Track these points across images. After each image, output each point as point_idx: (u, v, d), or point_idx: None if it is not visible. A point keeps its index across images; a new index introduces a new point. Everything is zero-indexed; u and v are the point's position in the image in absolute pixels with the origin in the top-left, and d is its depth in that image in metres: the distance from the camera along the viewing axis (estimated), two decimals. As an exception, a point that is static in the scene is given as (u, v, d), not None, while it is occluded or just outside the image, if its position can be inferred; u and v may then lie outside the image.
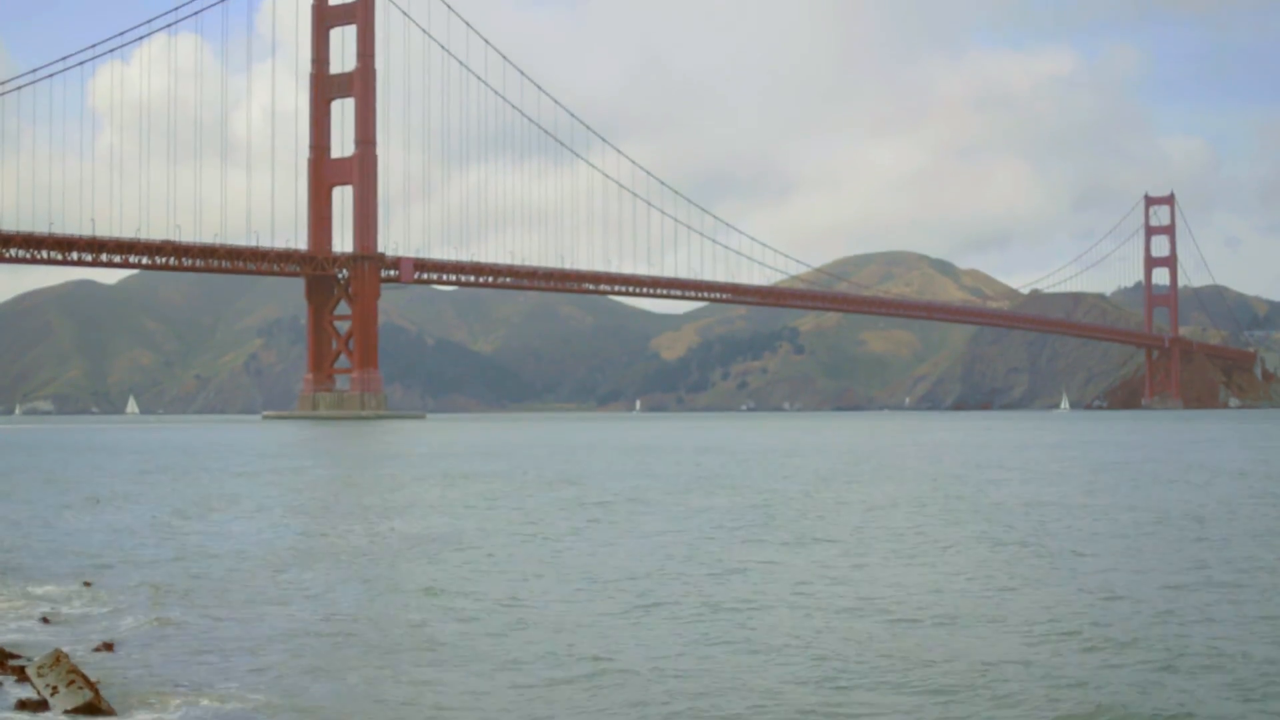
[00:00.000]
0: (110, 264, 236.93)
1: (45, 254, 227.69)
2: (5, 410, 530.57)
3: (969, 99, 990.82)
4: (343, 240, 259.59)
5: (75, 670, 18.60)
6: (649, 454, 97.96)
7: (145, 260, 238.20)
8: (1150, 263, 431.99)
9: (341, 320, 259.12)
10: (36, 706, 18.02)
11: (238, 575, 31.39)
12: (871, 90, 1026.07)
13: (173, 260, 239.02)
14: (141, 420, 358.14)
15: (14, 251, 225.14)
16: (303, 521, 44.71)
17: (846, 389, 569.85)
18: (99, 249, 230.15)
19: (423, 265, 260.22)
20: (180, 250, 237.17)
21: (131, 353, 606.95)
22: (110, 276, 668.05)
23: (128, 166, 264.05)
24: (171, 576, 31.17)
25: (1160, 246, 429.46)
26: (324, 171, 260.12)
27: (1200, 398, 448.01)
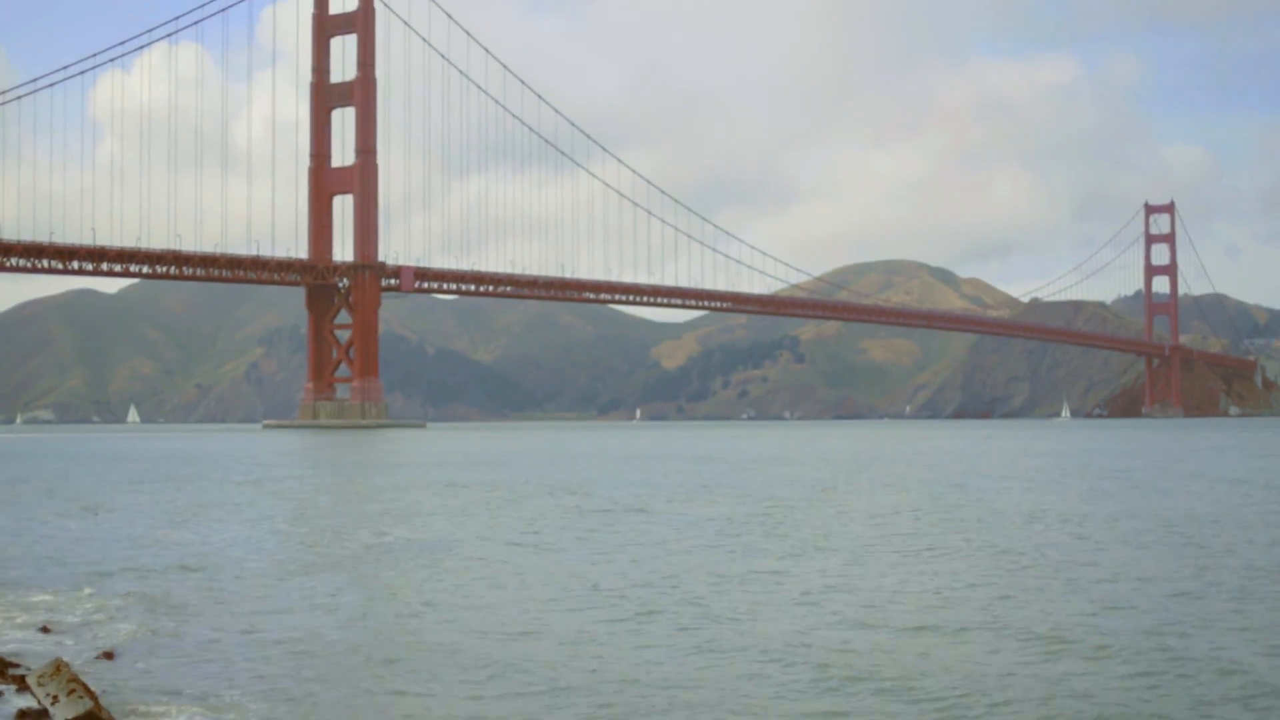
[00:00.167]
0: (111, 273, 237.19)
1: (46, 263, 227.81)
2: (6, 419, 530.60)
3: (970, 107, 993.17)
4: (343, 249, 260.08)
5: (76, 679, 18.59)
6: (649, 462, 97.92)
7: (146, 269, 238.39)
8: (1150, 271, 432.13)
9: (342, 329, 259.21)
10: (37, 716, 18.02)
11: (238, 584, 31.38)
12: (872, 99, 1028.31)
13: (173, 269, 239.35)
14: (143, 429, 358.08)
15: (15, 260, 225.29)
16: (303, 530, 44.70)
17: (847, 398, 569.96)
18: (100, 258, 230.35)
19: (423, 274, 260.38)
20: (181, 259, 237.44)
21: (132, 362, 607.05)
22: (111, 285, 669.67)
23: (128, 175, 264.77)
24: (171, 585, 31.17)
25: (1160, 255, 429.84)
26: (324, 180, 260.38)
27: (1201, 406, 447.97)
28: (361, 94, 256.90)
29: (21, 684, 19.60)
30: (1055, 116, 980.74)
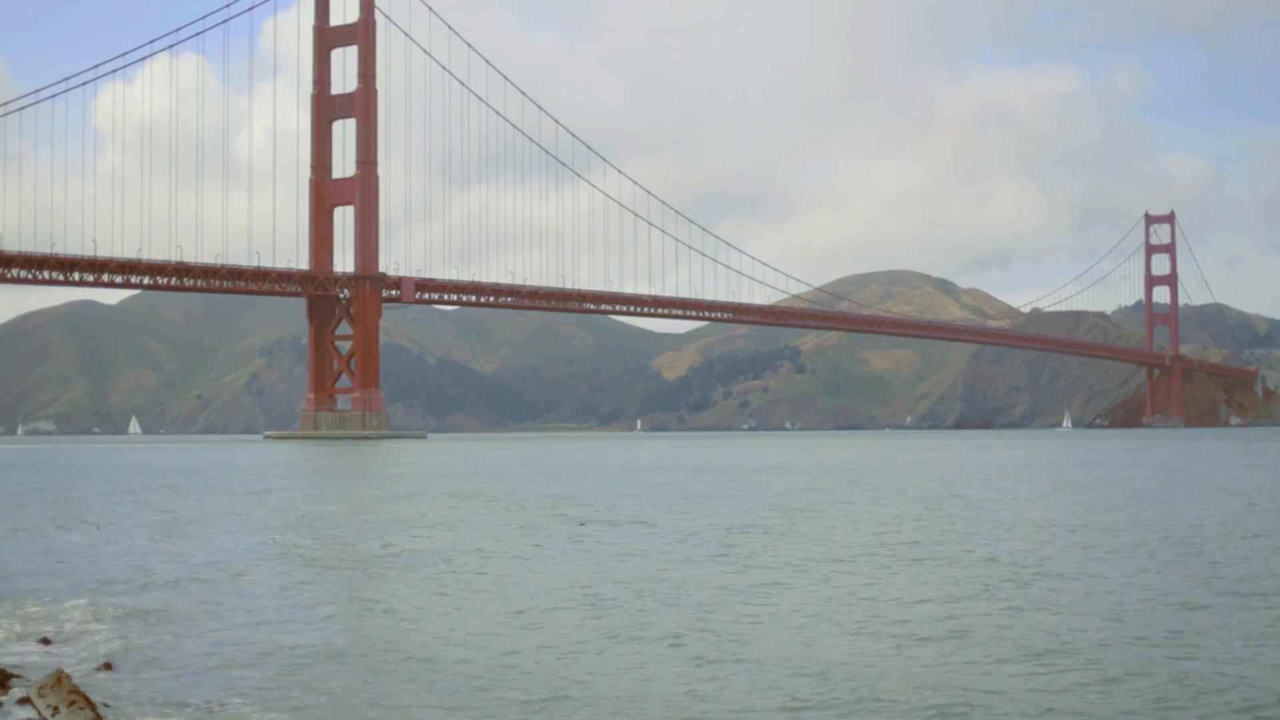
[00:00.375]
0: (112, 284, 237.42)
1: (47, 274, 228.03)
2: (7, 431, 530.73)
3: (971, 118, 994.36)
4: (344, 260, 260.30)
5: (77, 691, 18.61)
6: (649, 474, 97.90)
7: (147, 280, 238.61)
8: (1151, 281, 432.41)
9: (343, 340, 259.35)
10: (37, 727, 18.02)
11: (237, 595, 31.38)
12: (874, 109, 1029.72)
13: (174, 280, 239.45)
14: (143, 441, 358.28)
15: (16, 272, 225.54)
16: (301, 541, 44.68)
17: (848, 408, 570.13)
18: (101, 269, 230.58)
19: (424, 285, 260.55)
20: (182, 270, 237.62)
21: (133, 373, 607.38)
22: (112, 297, 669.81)
23: (129, 186, 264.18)
24: (171, 596, 31.17)
25: (1161, 265, 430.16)
26: (325, 192, 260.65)
27: (1201, 416, 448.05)
28: (362, 105, 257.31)
29: (23, 696, 19.60)
30: (1056, 127, 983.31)
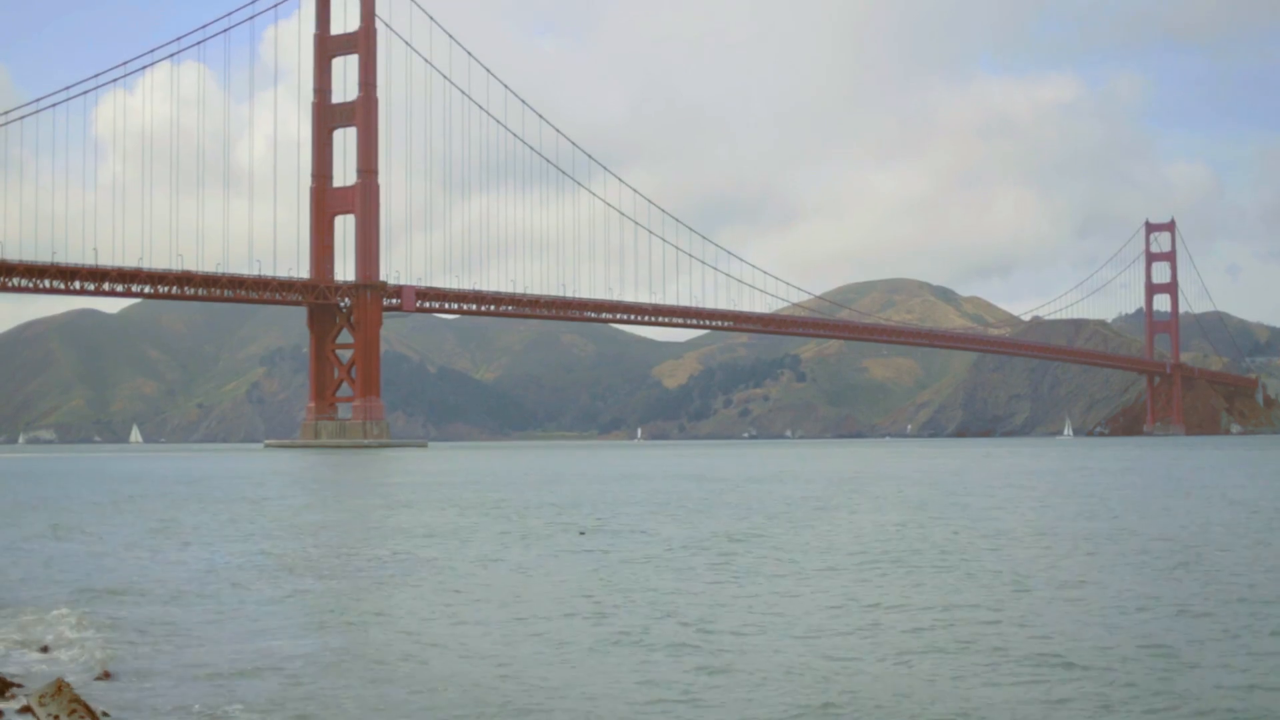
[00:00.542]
0: (113, 293, 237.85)
1: (48, 283, 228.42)
2: (9, 439, 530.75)
3: (973, 126, 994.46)
4: (345, 269, 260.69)
5: (77, 699, 18.62)
6: (648, 481, 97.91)
7: (148, 289, 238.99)
8: (1151, 289, 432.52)
9: (344, 349, 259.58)
10: (38, 736, 18.03)
11: (237, 603, 31.36)
12: (875, 117, 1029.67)
13: (175, 289, 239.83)
14: (144, 449, 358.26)
15: (17, 281, 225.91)
16: (302, 548, 44.66)
17: (848, 416, 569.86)
18: (101, 278, 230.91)
19: (425, 294, 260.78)
20: (183, 279, 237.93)
21: (134, 381, 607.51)
22: (112, 305, 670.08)
23: (130, 195, 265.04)
24: (171, 604, 31.17)
25: (1161, 273, 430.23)
26: (326, 200, 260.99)
27: (1202, 424, 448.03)
28: (363, 114, 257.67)
29: (24, 705, 19.62)
30: (1058, 135, 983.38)
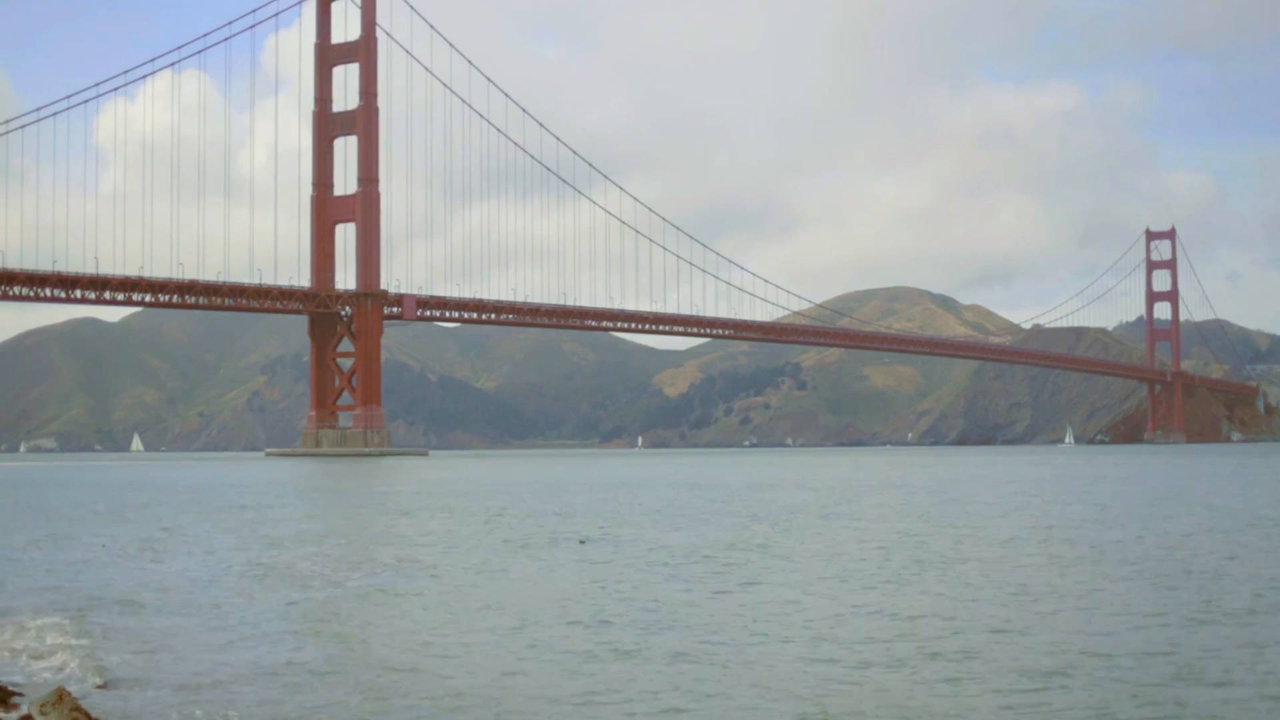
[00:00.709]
0: (114, 302, 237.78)
1: (49, 292, 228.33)
2: (10, 448, 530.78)
3: (974, 134, 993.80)
4: (346, 277, 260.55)
5: (78, 708, 18.64)
6: (649, 490, 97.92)
7: (149, 298, 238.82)
8: (1152, 297, 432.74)
9: (344, 357, 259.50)
10: (39, 744, 18.05)
11: (238, 610, 31.35)
12: (876, 126, 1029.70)
13: (176, 298, 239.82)
14: (145, 458, 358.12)
15: (18, 289, 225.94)
16: (302, 556, 44.66)
17: (849, 424, 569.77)
18: (102, 287, 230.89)
19: (426, 302, 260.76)
20: (184, 288, 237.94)
21: (135, 390, 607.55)
22: (113, 314, 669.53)
23: (131, 204, 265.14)
24: (172, 612, 31.17)
25: (1162, 281, 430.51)
26: (327, 209, 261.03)
27: (1203, 432, 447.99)
28: (363, 123, 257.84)
29: (24, 714, 19.64)
30: (1059, 143, 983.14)
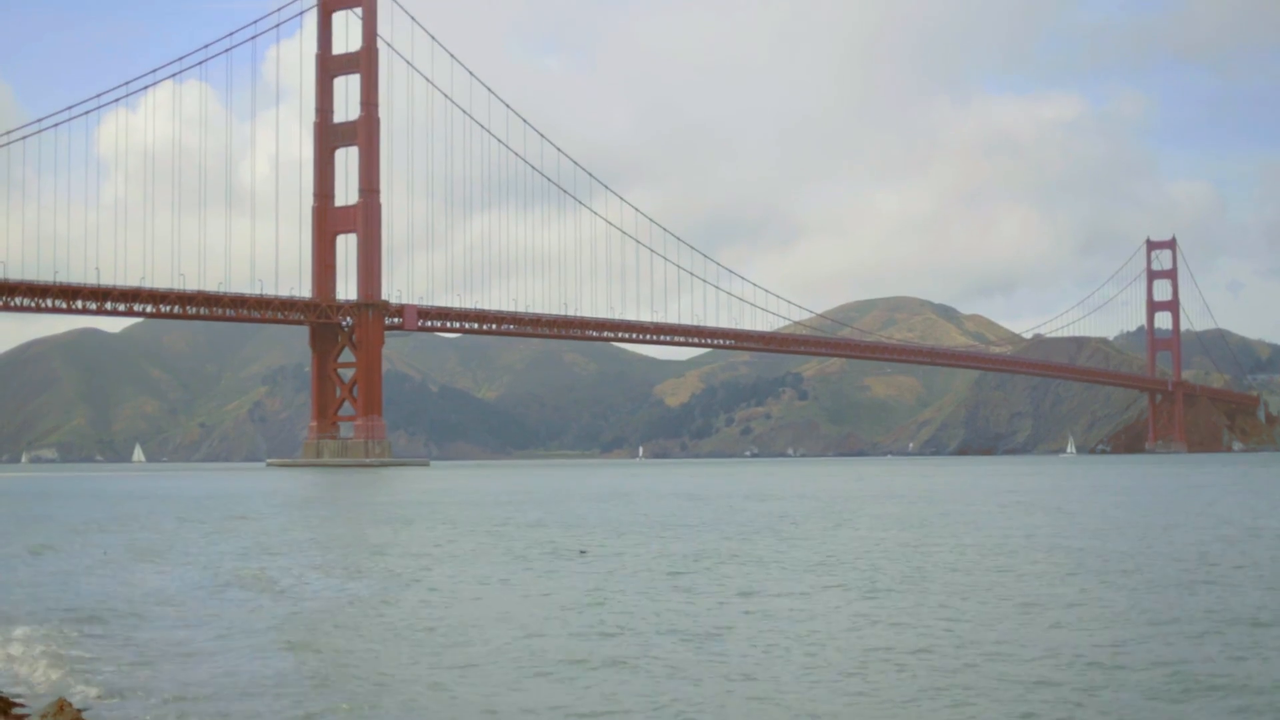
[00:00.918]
0: (115, 312, 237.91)
1: (50, 302, 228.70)
2: (11, 459, 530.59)
3: (976, 144, 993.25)
4: (347, 288, 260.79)
5: (79, 718, 18.70)
6: (649, 500, 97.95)
7: (150, 308, 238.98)
8: (1153, 307, 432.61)
9: (346, 368, 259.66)
10: (40, 754, 18.12)
11: (239, 620, 31.36)
12: (878, 135, 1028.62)
13: (177, 308, 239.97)
14: (146, 469, 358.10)
15: (19, 300, 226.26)
16: (302, 567, 44.72)
17: (850, 434, 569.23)
18: (104, 297, 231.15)
19: (427, 313, 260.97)
20: (185, 298, 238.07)
21: (136, 401, 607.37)
22: (114, 325, 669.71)
23: (133, 214, 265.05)
24: (173, 621, 31.19)
25: (1163, 290, 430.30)
26: (328, 220, 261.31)
27: (1204, 441, 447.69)
28: (365, 133, 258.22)
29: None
30: (1060, 153, 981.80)
